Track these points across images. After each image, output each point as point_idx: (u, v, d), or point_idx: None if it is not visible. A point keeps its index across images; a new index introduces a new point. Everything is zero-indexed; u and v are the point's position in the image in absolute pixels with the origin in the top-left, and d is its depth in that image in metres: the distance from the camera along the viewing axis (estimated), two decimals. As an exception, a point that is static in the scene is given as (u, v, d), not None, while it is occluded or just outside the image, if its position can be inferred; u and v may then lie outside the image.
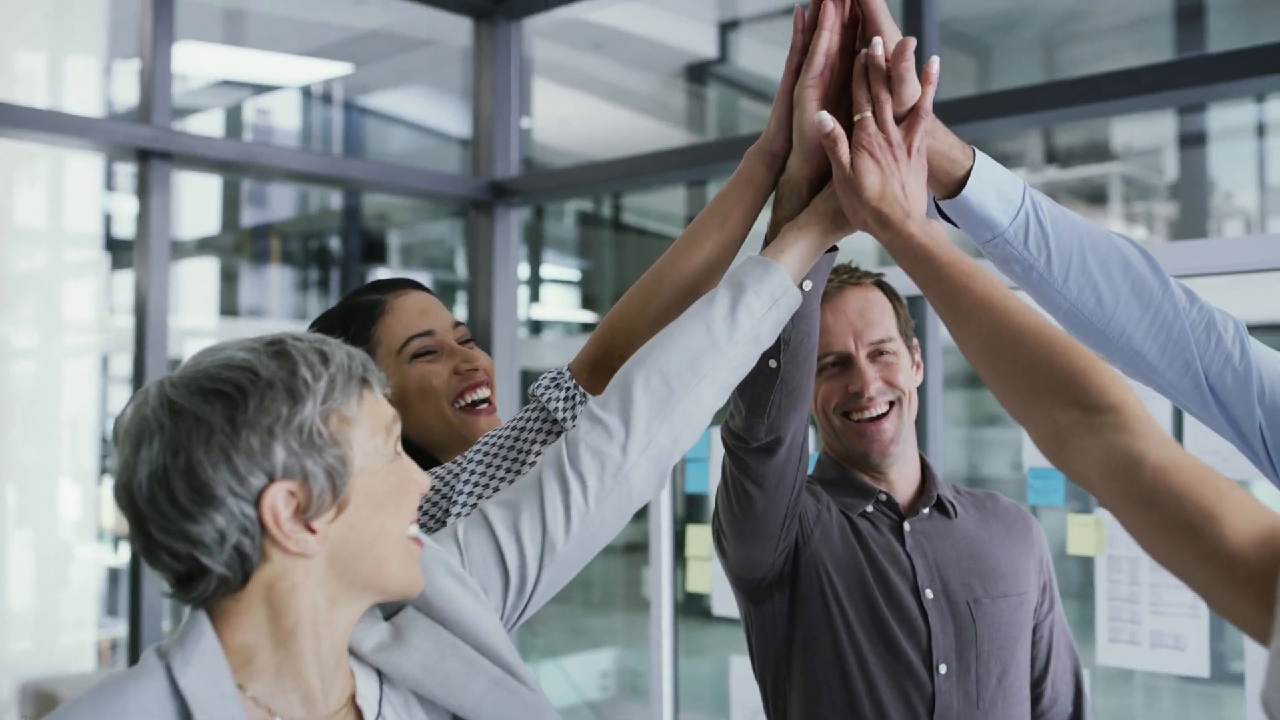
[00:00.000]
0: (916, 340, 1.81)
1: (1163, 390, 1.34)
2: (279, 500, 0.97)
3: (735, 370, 1.28)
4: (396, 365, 1.60)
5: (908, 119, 1.31)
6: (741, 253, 1.40)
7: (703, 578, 3.26)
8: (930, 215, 1.32)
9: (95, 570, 5.27)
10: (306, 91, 6.11)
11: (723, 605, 3.21)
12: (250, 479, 0.97)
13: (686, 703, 3.41)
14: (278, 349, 1.01)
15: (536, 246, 6.22)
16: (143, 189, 3.40)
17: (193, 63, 5.16)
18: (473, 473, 1.35)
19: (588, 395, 1.37)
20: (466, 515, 1.27)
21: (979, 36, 4.67)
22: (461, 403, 1.60)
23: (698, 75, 5.58)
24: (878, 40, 1.31)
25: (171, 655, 0.99)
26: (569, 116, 5.90)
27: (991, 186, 1.33)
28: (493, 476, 1.34)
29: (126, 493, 0.99)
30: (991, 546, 1.77)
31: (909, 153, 1.30)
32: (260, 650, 1.01)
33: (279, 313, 6.59)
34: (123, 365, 5.51)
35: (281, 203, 6.70)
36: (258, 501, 0.97)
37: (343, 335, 1.57)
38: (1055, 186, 4.86)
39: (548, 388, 1.38)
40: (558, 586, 1.24)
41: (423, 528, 1.34)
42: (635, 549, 5.36)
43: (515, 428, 1.38)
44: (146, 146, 3.34)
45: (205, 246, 6.52)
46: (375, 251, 6.84)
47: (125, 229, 5.62)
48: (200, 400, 0.98)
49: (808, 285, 1.38)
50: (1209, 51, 3.83)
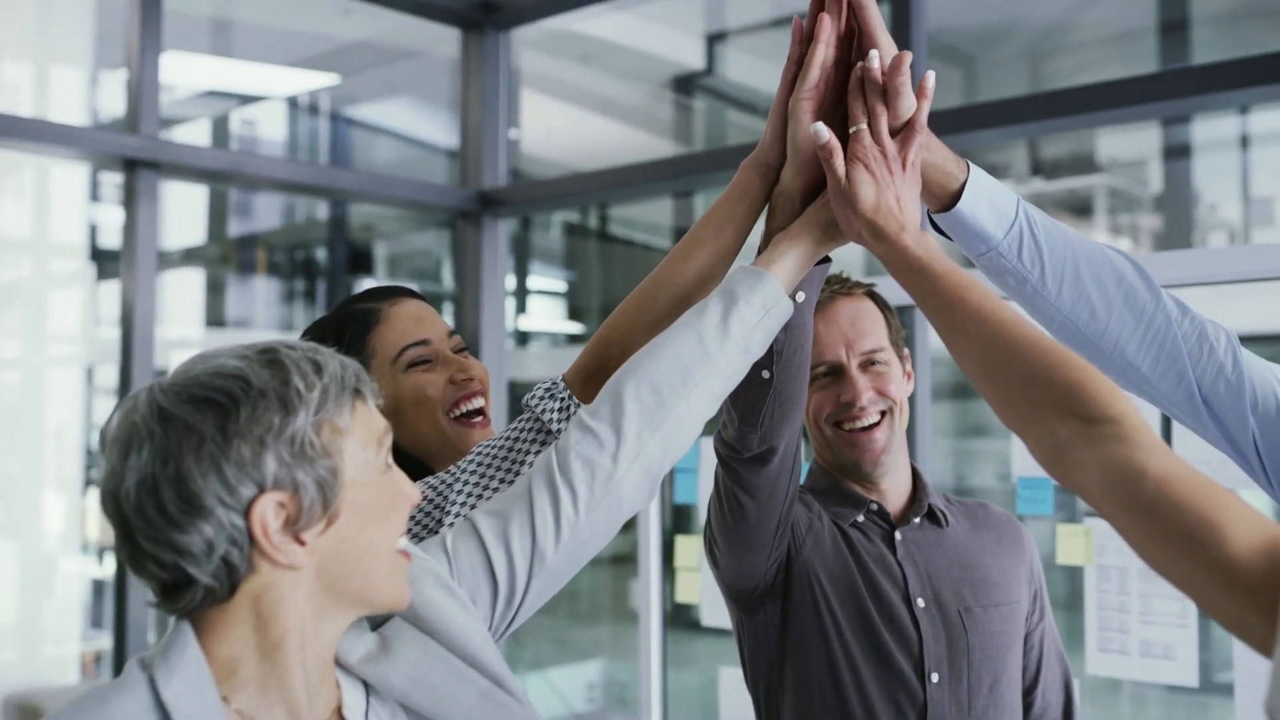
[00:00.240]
0: (907, 350, 1.81)
1: (1156, 401, 1.34)
2: (269, 511, 0.96)
3: (726, 380, 1.28)
4: (391, 374, 1.59)
5: (903, 133, 1.31)
6: (735, 264, 1.40)
7: (692, 588, 3.25)
8: (924, 228, 1.32)
9: (79, 582, 5.23)
10: (293, 102, 6.10)
11: (711, 616, 3.20)
12: (240, 489, 0.96)
13: (674, 715, 3.40)
14: (271, 357, 1.01)
15: (523, 258, 6.21)
16: (129, 199, 3.39)
17: (179, 73, 5.15)
18: (466, 483, 1.34)
19: (581, 405, 1.36)
20: None
21: (965, 48, 4.69)
22: (456, 413, 1.59)
23: (685, 87, 5.58)
24: (874, 54, 1.32)
25: (155, 667, 0.97)
26: (556, 127, 5.90)
27: (985, 200, 1.33)
28: (486, 487, 1.34)
29: (113, 500, 0.98)
30: (982, 556, 1.77)
31: (904, 166, 1.30)
32: (245, 662, 1.00)
33: (265, 323, 6.56)
34: (108, 376, 5.48)
35: (268, 213, 6.68)
36: (247, 512, 0.96)
37: (337, 343, 1.56)
38: (1041, 198, 4.88)
39: (542, 398, 1.38)
40: (546, 596, 1.23)
41: (415, 538, 1.33)
42: (622, 560, 5.35)
43: (509, 438, 1.37)
44: (134, 156, 3.33)
45: (191, 257, 6.50)
46: (362, 262, 6.82)
47: (110, 240, 5.60)
48: (191, 408, 0.97)
49: (801, 296, 1.38)
50: (1193, 64, 3.85)
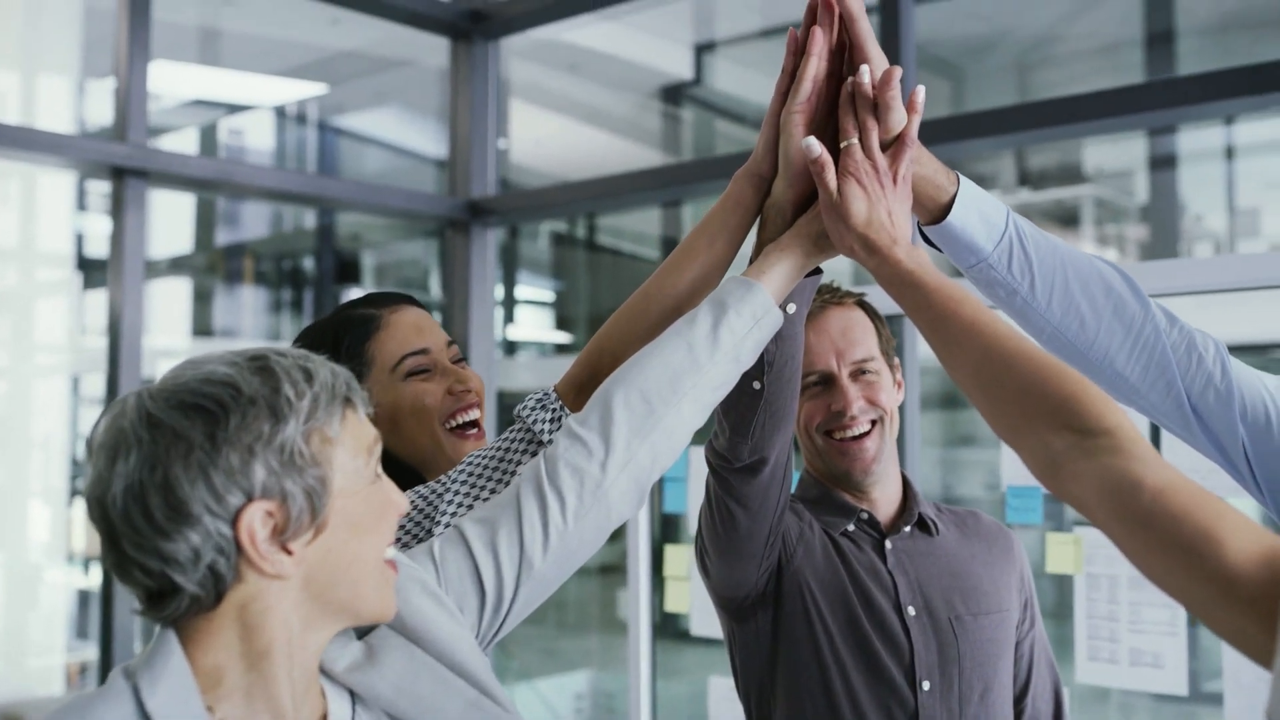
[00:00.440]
0: (898, 359, 1.82)
1: (1146, 411, 1.35)
2: (256, 520, 0.96)
3: (716, 389, 1.28)
4: (390, 382, 1.58)
5: (894, 146, 1.32)
6: (727, 274, 1.40)
7: (681, 598, 3.24)
8: (914, 241, 1.32)
9: (65, 593, 5.21)
10: (281, 112, 6.09)
11: (701, 626, 3.20)
12: (228, 497, 0.95)
13: (663, 724, 3.39)
14: (261, 365, 1.00)
15: (511, 268, 6.21)
16: (117, 207, 3.37)
17: (167, 82, 5.14)
18: (456, 493, 1.34)
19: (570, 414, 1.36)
20: None
21: (954, 59, 4.71)
22: (452, 424, 1.59)
23: (673, 97, 5.60)
24: (865, 68, 1.32)
25: (139, 676, 0.97)
26: (545, 137, 5.90)
27: (976, 212, 1.33)
28: (476, 497, 1.33)
29: (100, 506, 0.97)
30: (973, 564, 1.77)
31: (895, 180, 1.31)
32: (231, 671, 0.99)
33: (252, 333, 6.55)
34: (94, 385, 5.46)
35: (255, 222, 6.67)
36: (235, 521, 0.95)
37: (335, 348, 1.55)
38: (1028, 208, 4.90)
39: (534, 409, 1.38)
40: (534, 605, 1.23)
41: (404, 548, 1.33)
42: (610, 570, 5.34)
43: (500, 448, 1.37)
44: (122, 164, 3.32)
45: (178, 266, 6.48)
46: (349, 272, 6.81)
47: (97, 248, 5.58)
48: (180, 415, 0.96)
49: (792, 308, 1.38)
50: (1179, 74, 3.87)
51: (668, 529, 3.82)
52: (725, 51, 5.48)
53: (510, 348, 6.20)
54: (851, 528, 1.75)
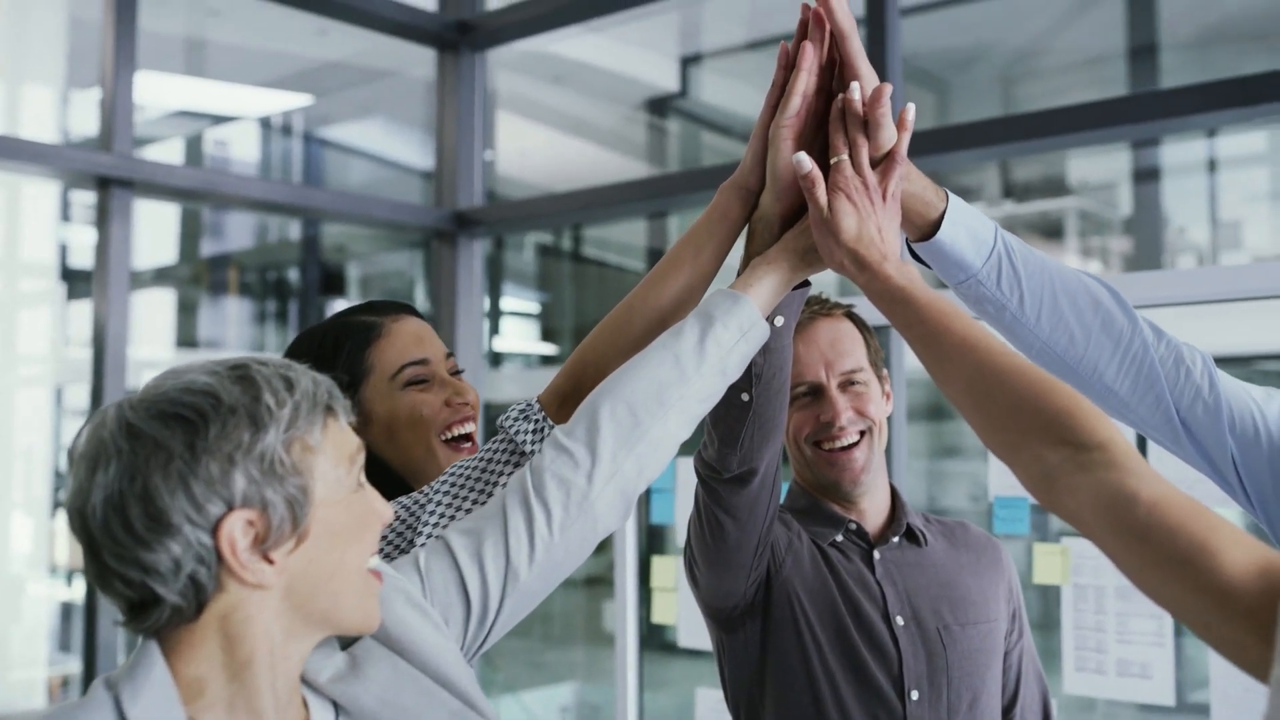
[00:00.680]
0: (886, 371, 1.82)
1: (1135, 425, 1.35)
2: (237, 530, 0.95)
3: (702, 402, 1.28)
4: (388, 391, 1.58)
5: (884, 163, 1.32)
6: (712, 287, 1.40)
7: (668, 609, 3.23)
8: (903, 257, 1.32)
9: (47, 605, 5.17)
10: (266, 123, 6.08)
11: (688, 637, 3.19)
12: (208, 507, 0.94)
13: (650, 737, 3.38)
14: (241, 373, 0.99)
15: (496, 279, 6.20)
16: (103, 217, 3.36)
17: (152, 92, 5.12)
18: (439, 503, 1.33)
19: (555, 426, 1.36)
20: None
21: (938, 72, 4.73)
22: (447, 435, 1.58)
23: (659, 108, 5.61)
24: (855, 85, 1.32)
25: (120, 687, 0.96)
26: (531, 148, 5.91)
27: (964, 228, 1.34)
28: (459, 508, 1.33)
29: (80, 517, 0.96)
30: (961, 574, 1.77)
31: (884, 196, 1.31)
32: (213, 682, 0.99)
33: (236, 344, 6.53)
34: (77, 396, 5.43)
35: (240, 233, 6.66)
36: (215, 530, 0.95)
37: (335, 354, 1.55)
38: (1012, 221, 4.91)
39: (516, 420, 1.37)
40: (519, 617, 1.22)
41: (386, 558, 1.32)
42: (595, 582, 5.32)
43: (483, 459, 1.36)
44: (107, 174, 3.31)
45: (162, 277, 6.46)
46: (334, 283, 6.80)
47: (81, 259, 5.56)
48: (160, 424, 0.95)
49: (779, 321, 1.38)
50: (1162, 87, 3.90)
51: (654, 540, 3.81)
52: (711, 64, 5.50)
53: (496, 359, 6.19)
54: (840, 538, 1.75)
